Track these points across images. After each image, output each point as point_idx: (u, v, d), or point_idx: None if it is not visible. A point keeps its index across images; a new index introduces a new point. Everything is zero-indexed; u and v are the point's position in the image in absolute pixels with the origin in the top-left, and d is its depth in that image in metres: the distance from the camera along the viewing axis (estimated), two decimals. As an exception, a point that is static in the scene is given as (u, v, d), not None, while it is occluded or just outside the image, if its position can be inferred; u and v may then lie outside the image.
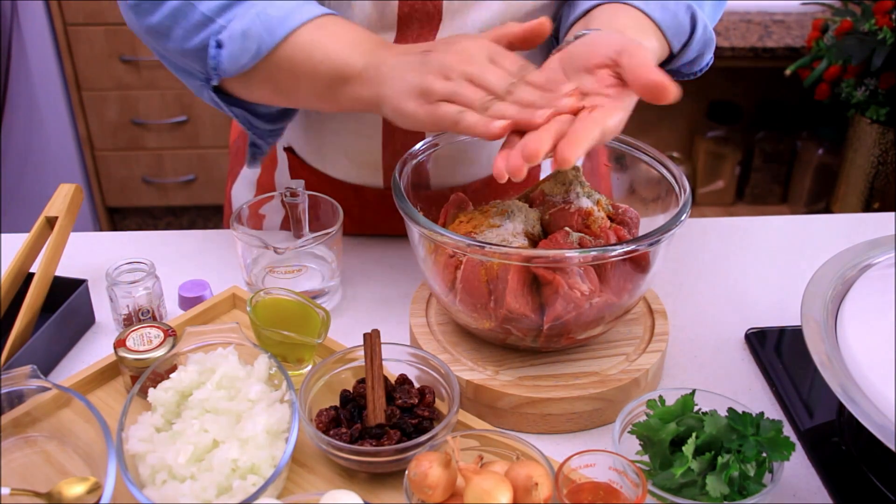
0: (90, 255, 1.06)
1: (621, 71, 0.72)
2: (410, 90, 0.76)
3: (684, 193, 0.82)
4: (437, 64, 0.76)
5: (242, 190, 1.18)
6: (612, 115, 0.72)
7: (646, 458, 0.73)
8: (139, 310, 0.90)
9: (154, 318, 0.91)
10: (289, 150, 1.08)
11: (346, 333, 0.90)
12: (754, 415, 0.72)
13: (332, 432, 0.73)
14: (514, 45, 0.80)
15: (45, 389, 0.74)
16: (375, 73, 0.79)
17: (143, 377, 0.76)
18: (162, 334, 0.82)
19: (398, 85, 0.77)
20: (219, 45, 0.83)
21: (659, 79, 0.69)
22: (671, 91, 0.69)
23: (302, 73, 0.83)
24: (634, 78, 0.71)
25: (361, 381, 0.78)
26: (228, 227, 1.06)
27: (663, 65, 0.89)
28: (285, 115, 0.96)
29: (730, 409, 0.73)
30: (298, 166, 1.07)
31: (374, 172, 1.04)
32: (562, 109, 0.72)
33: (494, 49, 0.78)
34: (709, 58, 0.92)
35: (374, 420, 0.74)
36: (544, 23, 0.79)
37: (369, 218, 1.07)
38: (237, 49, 0.83)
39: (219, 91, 0.89)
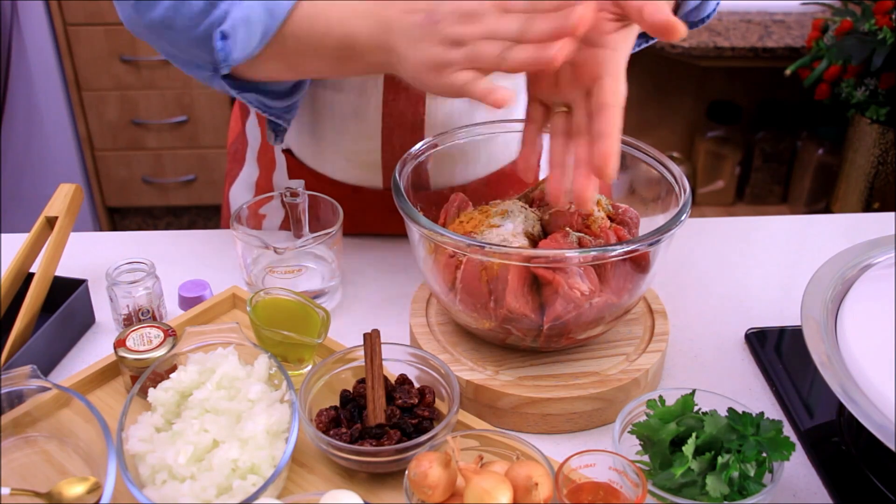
0: (90, 255, 1.06)
1: (627, 8, 0.71)
2: (426, 62, 0.74)
3: (684, 193, 0.82)
4: (448, 33, 0.73)
5: (241, 192, 1.18)
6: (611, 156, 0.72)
7: (646, 458, 0.73)
8: (139, 310, 0.90)
9: (154, 318, 0.91)
10: (287, 152, 1.08)
11: (346, 333, 0.90)
12: (754, 415, 0.72)
13: (332, 432, 0.73)
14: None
15: (45, 389, 0.74)
16: (385, 40, 0.77)
17: (143, 377, 0.76)
18: (162, 334, 0.82)
19: (413, 55, 0.75)
20: (224, 37, 0.82)
21: (666, 17, 0.68)
22: (679, 28, 0.68)
23: (309, 47, 0.82)
24: (641, 18, 0.69)
25: (361, 381, 0.78)
26: (228, 227, 1.06)
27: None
28: (298, 88, 0.94)
29: (730, 409, 0.73)
30: (297, 168, 1.07)
31: (373, 173, 1.04)
32: (574, 26, 0.68)
33: None
34: (714, 4, 0.93)
35: (374, 420, 0.74)
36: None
37: (369, 219, 1.07)
38: (243, 37, 0.82)
39: (229, 78, 0.88)
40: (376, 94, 0.97)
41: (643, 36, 0.96)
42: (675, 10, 0.91)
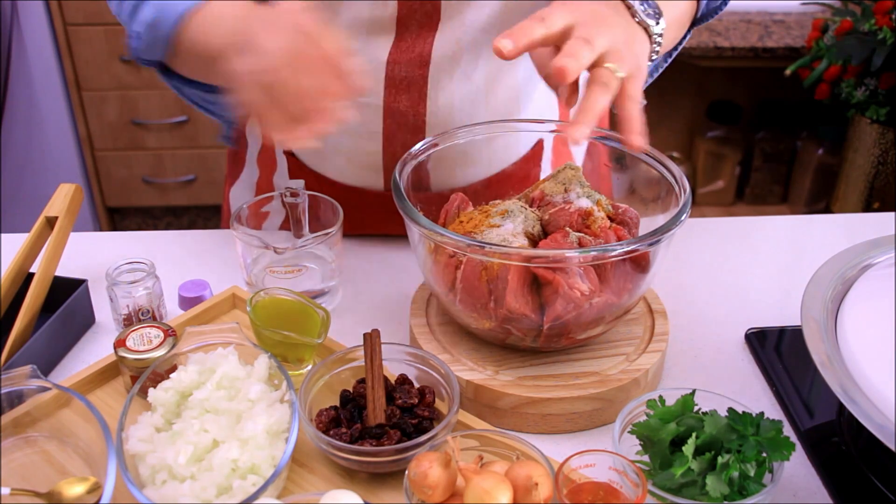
0: (90, 255, 1.06)
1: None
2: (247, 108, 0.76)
3: (684, 193, 0.82)
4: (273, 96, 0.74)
5: (241, 192, 1.18)
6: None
7: (646, 458, 0.73)
8: (139, 310, 0.90)
9: (154, 318, 0.91)
10: (288, 153, 1.08)
11: (346, 333, 0.90)
12: (754, 415, 0.72)
13: (332, 432, 0.73)
14: None
15: (45, 389, 0.74)
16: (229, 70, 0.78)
17: (143, 377, 0.76)
18: (162, 334, 0.82)
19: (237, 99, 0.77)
20: (138, 38, 0.88)
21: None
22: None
23: (187, 57, 0.87)
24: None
25: (361, 381, 0.78)
26: (228, 227, 1.06)
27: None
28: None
29: (730, 409, 0.73)
30: (298, 169, 1.07)
31: (374, 174, 1.04)
32: None
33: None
34: None
35: (374, 420, 0.74)
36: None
37: (369, 220, 1.07)
38: (146, 40, 0.88)
39: (168, 73, 0.93)
40: (377, 93, 0.97)
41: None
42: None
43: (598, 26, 0.76)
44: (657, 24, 0.81)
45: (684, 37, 0.99)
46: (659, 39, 0.82)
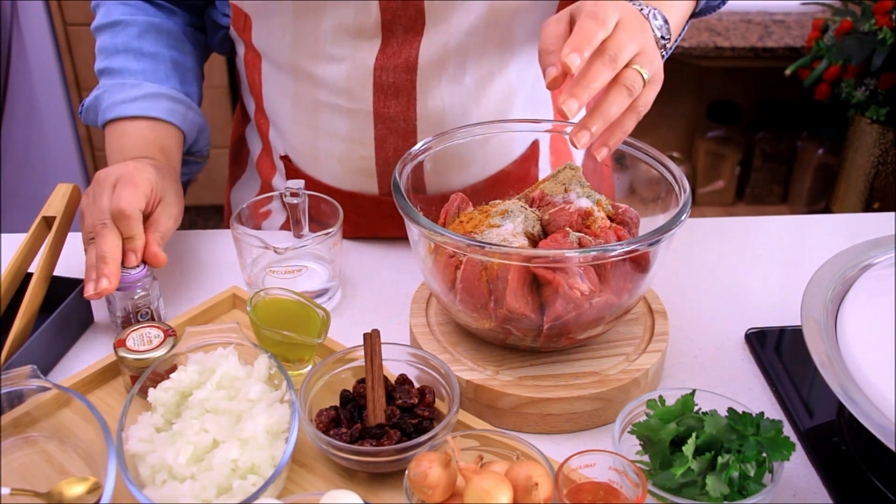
0: (90, 255, 1.06)
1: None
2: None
3: (684, 193, 0.82)
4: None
5: (242, 194, 1.18)
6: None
7: (646, 458, 0.73)
8: (137, 311, 0.90)
9: (152, 319, 0.91)
10: (285, 158, 1.08)
11: (346, 333, 0.90)
12: (754, 415, 0.72)
13: (332, 432, 0.73)
14: None
15: (45, 389, 0.74)
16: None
17: (143, 377, 0.76)
18: (162, 334, 0.82)
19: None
20: (82, 109, 1.04)
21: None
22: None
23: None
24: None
25: (361, 381, 0.78)
26: (228, 228, 1.06)
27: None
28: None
29: (730, 409, 0.73)
30: (295, 174, 1.07)
31: (368, 179, 1.04)
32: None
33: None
34: None
35: (374, 420, 0.74)
36: None
37: (365, 224, 1.07)
38: (86, 118, 1.04)
39: None
40: (366, 99, 0.97)
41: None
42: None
43: (636, 27, 0.77)
44: (667, 29, 0.81)
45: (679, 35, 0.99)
46: (665, 48, 0.82)
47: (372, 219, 1.06)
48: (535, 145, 1.05)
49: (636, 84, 0.75)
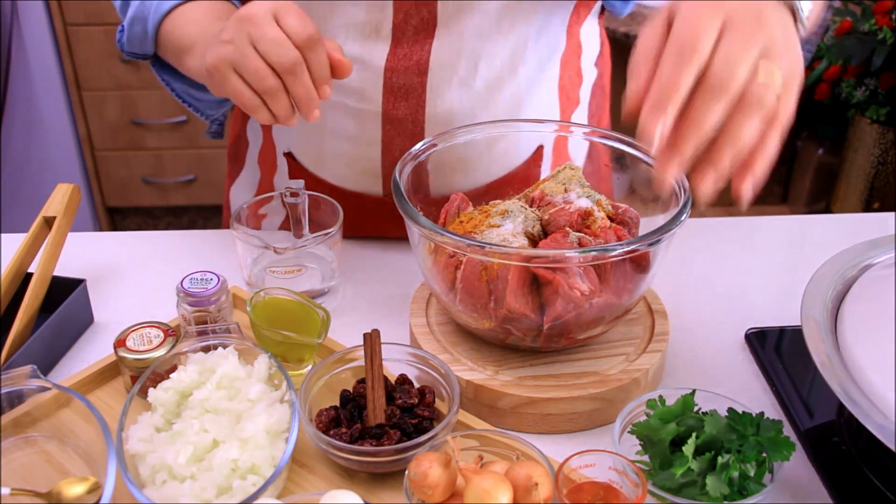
0: (89, 255, 1.06)
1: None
2: (206, 65, 0.81)
3: (684, 193, 0.82)
4: (223, 36, 0.79)
5: (241, 192, 1.18)
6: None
7: (646, 458, 0.73)
8: (214, 321, 0.84)
9: (228, 332, 0.84)
10: (289, 156, 1.08)
11: (346, 333, 0.90)
12: (754, 415, 0.72)
13: (332, 432, 0.73)
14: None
15: (45, 389, 0.74)
16: (192, 48, 0.89)
17: (143, 377, 0.76)
18: (162, 334, 0.82)
19: (198, 62, 0.86)
20: (122, 30, 0.98)
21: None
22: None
23: (171, 49, 0.94)
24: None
25: (361, 381, 0.78)
26: (228, 228, 1.06)
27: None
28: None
29: (730, 409, 0.73)
30: (298, 172, 1.07)
31: (373, 180, 1.03)
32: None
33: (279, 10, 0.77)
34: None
35: (374, 420, 0.74)
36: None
37: (368, 224, 1.07)
38: (131, 34, 0.97)
39: (158, 65, 1.01)
40: (375, 100, 0.97)
41: None
42: None
43: (749, 20, 0.61)
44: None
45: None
46: (803, 26, 0.67)
47: (375, 219, 1.06)
48: (539, 151, 1.04)
49: (766, 96, 0.62)
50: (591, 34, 1.09)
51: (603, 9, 1.10)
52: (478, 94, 0.98)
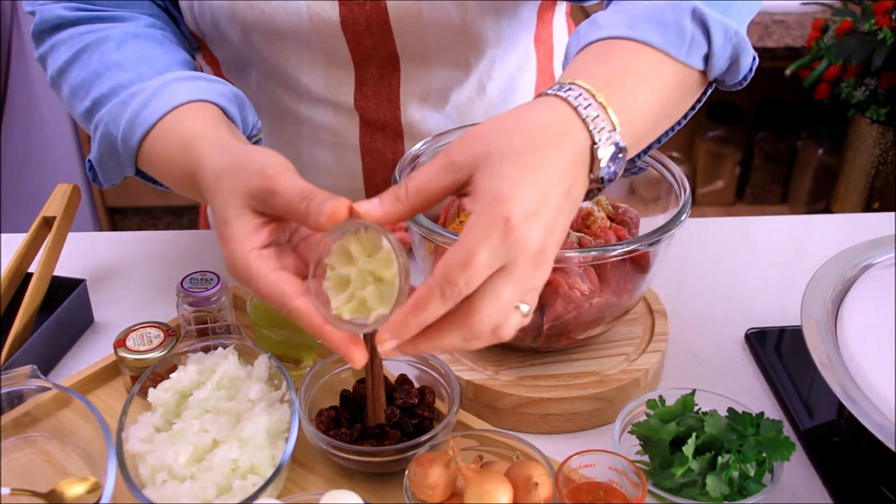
0: (89, 254, 1.06)
1: None
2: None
3: (684, 193, 0.82)
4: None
5: None
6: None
7: (646, 458, 0.73)
8: (215, 321, 0.83)
9: (228, 331, 0.84)
10: None
11: (346, 333, 0.90)
12: (754, 415, 0.72)
13: (332, 432, 0.73)
14: None
15: (45, 389, 0.74)
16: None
17: (143, 377, 0.76)
18: (162, 334, 0.82)
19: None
20: (91, 167, 0.81)
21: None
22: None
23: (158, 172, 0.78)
24: None
25: (361, 382, 0.78)
26: (207, 228, 1.05)
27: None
28: None
29: (730, 409, 0.73)
30: None
31: (354, 181, 1.03)
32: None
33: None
34: (747, 63, 0.73)
35: (375, 420, 0.74)
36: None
37: None
38: (100, 167, 0.80)
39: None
40: (353, 133, 0.98)
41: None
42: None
43: (530, 271, 0.57)
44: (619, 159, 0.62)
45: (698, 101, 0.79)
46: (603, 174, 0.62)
47: None
48: None
49: (502, 336, 0.59)
50: (562, 35, 1.09)
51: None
52: (450, 118, 0.99)
